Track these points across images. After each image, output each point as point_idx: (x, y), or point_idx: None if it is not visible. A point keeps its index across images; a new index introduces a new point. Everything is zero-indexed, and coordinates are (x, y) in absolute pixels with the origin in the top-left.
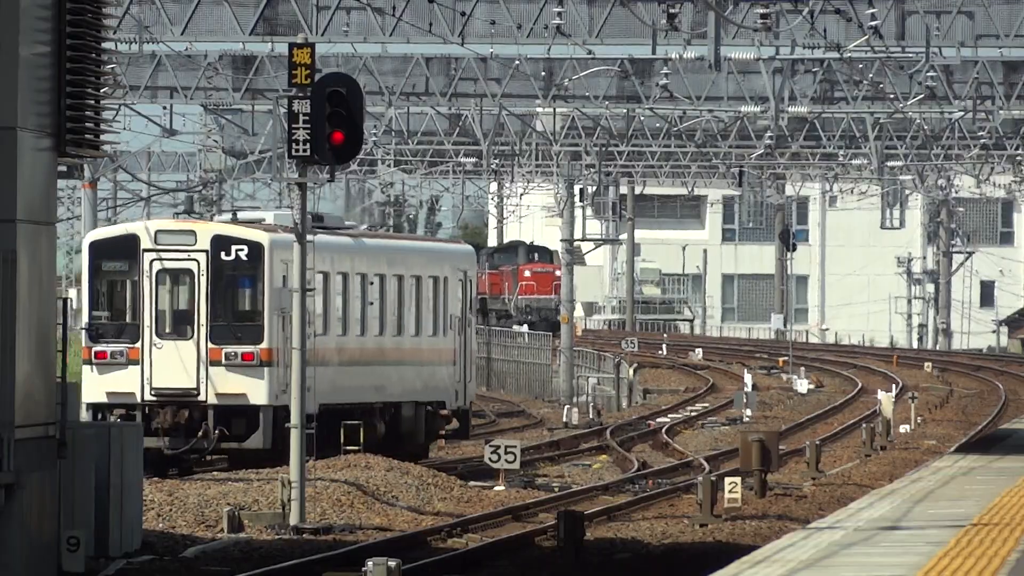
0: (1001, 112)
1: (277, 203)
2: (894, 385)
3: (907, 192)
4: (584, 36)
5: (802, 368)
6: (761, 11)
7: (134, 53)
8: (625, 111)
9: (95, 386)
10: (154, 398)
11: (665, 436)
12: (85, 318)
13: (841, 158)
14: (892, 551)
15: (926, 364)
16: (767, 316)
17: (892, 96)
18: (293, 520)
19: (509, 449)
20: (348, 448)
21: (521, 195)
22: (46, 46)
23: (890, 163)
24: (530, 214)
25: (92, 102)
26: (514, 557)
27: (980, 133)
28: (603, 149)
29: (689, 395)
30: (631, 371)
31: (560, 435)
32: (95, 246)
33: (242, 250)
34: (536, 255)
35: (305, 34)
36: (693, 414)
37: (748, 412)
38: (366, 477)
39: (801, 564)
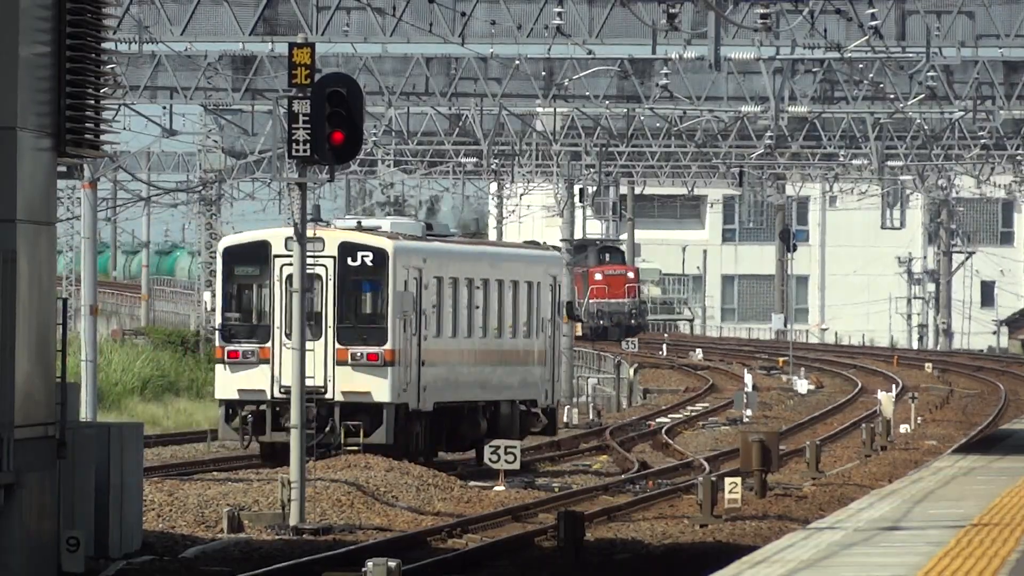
0: (1001, 112)
1: (277, 203)
2: (894, 385)
3: (907, 192)
4: (584, 36)
5: (802, 368)
6: (761, 11)
7: (134, 53)
8: (625, 111)
9: (227, 383)
10: (283, 395)
11: (665, 436)
12: (218, 319)
13: (841, 158)
14: (892, 551)
15: (926, 364)
16: (767, 316)
17: (892, 96)
18: (293, 520)
19: (509, 449)
20: (349, 448)
21: (521, 195)
22: (46, 46)
23: (890, 163)
24: (530, 214)
25: (92, 102)
26: (514, 557)
27: (980, 133)
28: (603, 149)
29: (689, 395)
30: (631, 371)
31: (560, 435)
32: (228, 252)
33: (367, 256)
34: (608, 256)
35: (305, 34)
36: (693, 414)
37: (748, 412)
38: (366, 477)
39: (801, 564)
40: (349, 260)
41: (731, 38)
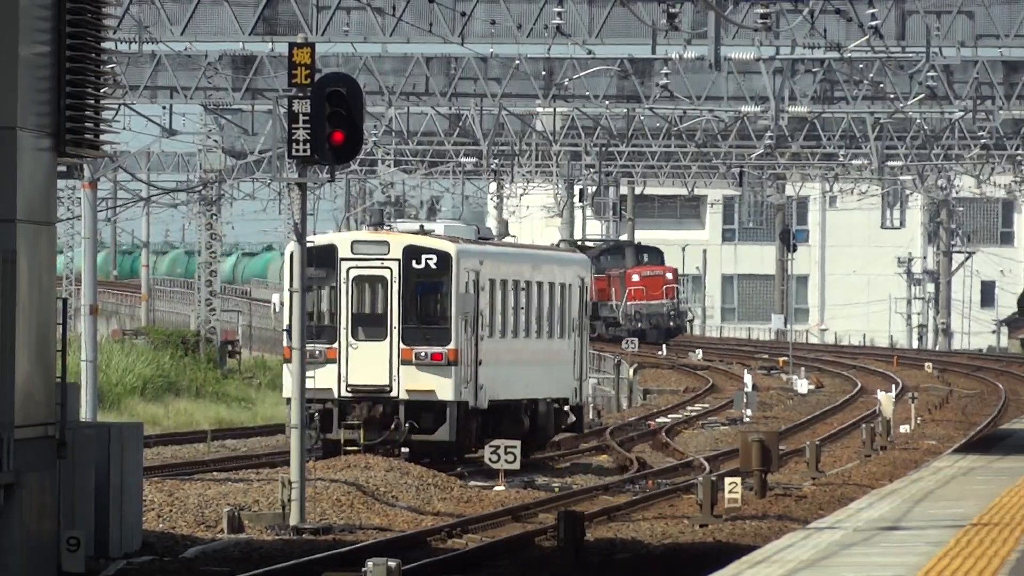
0: (1001, 112)
1: (277, 203)
2: (894, 385)
3: (907, 192)
4: (584, 36)
5: (802, 368)
6: (761, 11)
7: (134, 53)
8: (625, 111)
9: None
10: (350, 394)
11: (665, 436)
12: (285, 320)
13: (841, 158)
14: (892, 551)
15: (926, 364)
16: (767, 316)
17: (892, 96)
18: (293, 520)
19: (509, 449)
20: (348, 448)
21: (521, 195)
22: (46, 46)
23: (890, 163)
24: (530, 214)
25: (92, 102)
26: (514, 557)
27: (980, 133)
28: (603, 149)
29: (689, 395)
30: (631, 371)
31: (560, 435)
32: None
33: (431, 259)
34: (646, 256)
35: (305, 34)
36: (693, 414)
37: (748, 412)
38: (366, 477)
39: (801, 564)
40: (414, 263)
41: (731, 38)
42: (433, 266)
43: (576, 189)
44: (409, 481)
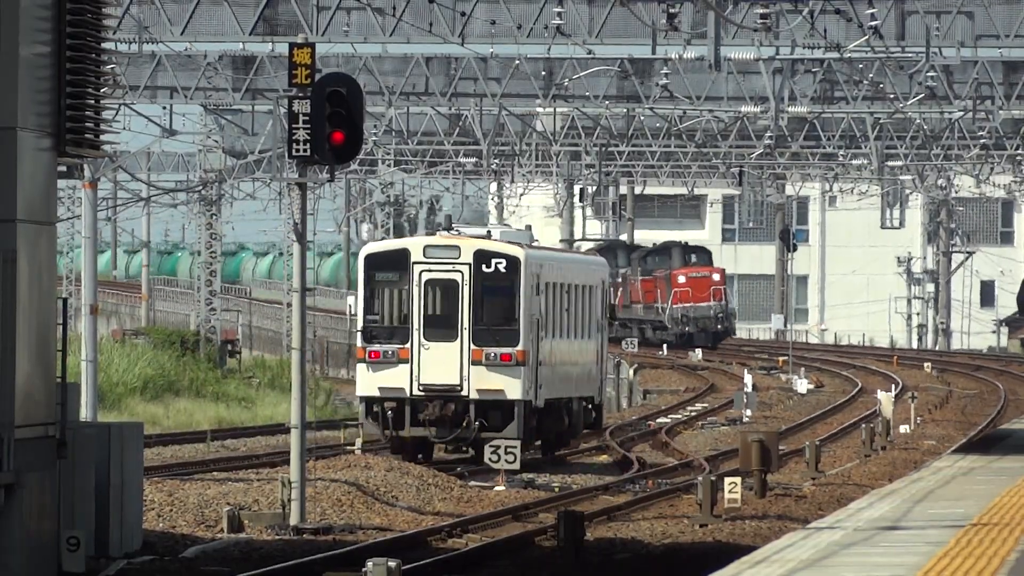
0: (1001, 112)
1: (277, 203)
2: (894, 385)
3: (907, 192)
4: (584, 36)
5: (802, 368)
6: (761, 11)
7: (134, 53)
8: (625, 111)
9: (368, 382)
10: (422, 393)
11: (665, 436)
12: (360, 322)
13: (841, 158)
14: (892, 551)
15: (926, 364)
16: (767, 316)
17: (892, 96)
18: (293, 520)
19: (509, 449)
20: (348, 447)
21: (521, 195)
22: (46, 46)
23: (890, 163)
24: (530, 214)
25: (92, 102)
26: (514, 557)
27: (980, 133)
28: (603, 149)
29: (689, 395)
30: (631, 371)
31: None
32: (370, 259)
33: (501, 263)
34: (693, 256)
35: (305, 34)
36: (693, 414)
37: (748, 412)
38: (366, 477)
39: (801, 564)
40: (483, 267)
41: (731, 38)
42: (502, 270)
43: (576, 189)
44: (409, 481)
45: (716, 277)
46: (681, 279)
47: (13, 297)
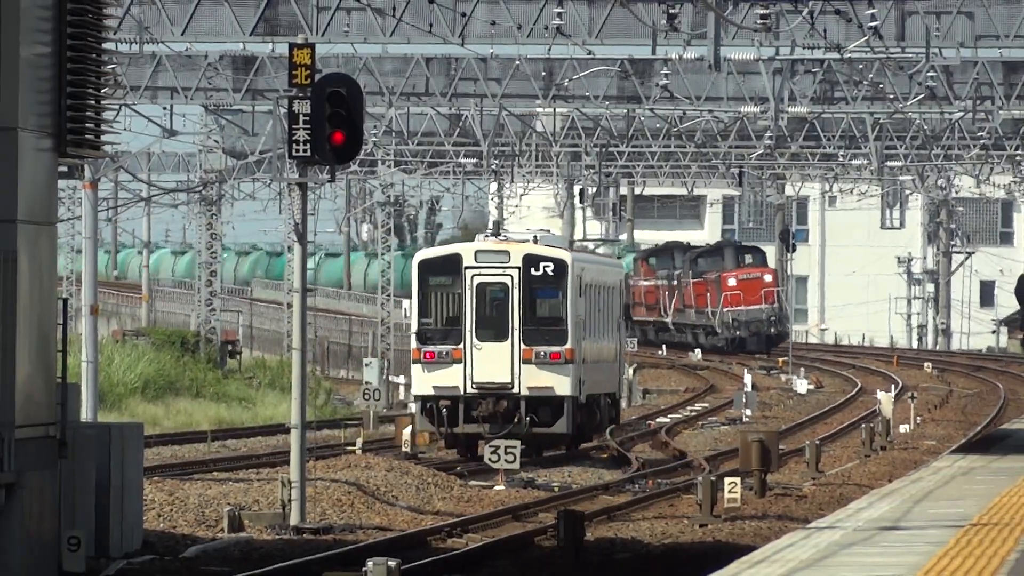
0: (1001, 112)
1: (277, 203)
2: (894, 385)
3: (907, 192)
4: (584, 36)
5: (802, 368)
6: (761, 11)
7: (134, 53)
8: (625, 111)
9: (424, 381)
10: (475, 391)
11: (665, 436)
12: (415, 324)
13: (841, 158)
14: (892, 551)
15: (926, 364)
16: None
17: (892, 96)
18: (293, 520)
19: (509, 449)
20: (348, 447)
21: (521, 196)
22: (47, 46)
23: (890, 163)
24: (530, 215)
25: (92, 102)
26: (514, 557)
27: (980, 133)
28: (603, 149)
29: (689, 395)
30: (631, 371)
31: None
32: (423, 264)
33: (549, 266)
34: (749, 257)
35: (305, 34)
36: (693, 414)
37: (748, 412)
38: (366, 477)
39: (801, 564)
40: (532, 270)
41: (731, 38)
42: (550, 273)
43: (576, 189)
44: (409, 481)
45: (768, 278)
46: (731, 281)
47: (13, 297)
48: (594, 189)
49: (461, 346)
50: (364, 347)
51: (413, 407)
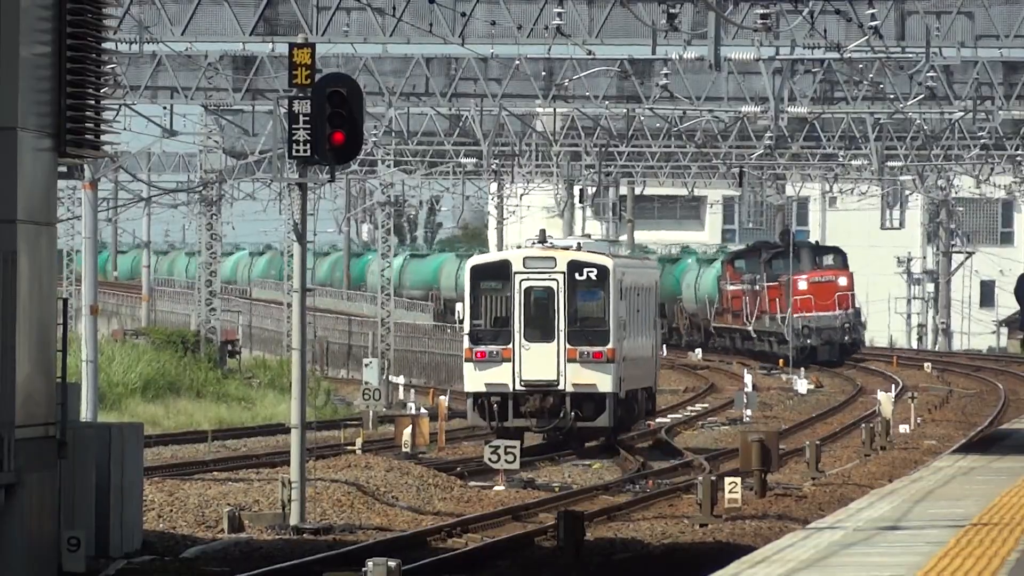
0: (1001, 112)
1: (277, 203)
2: (894, 385)
3: (907, 192)
4: (584, 36)
5: (802, 368)
6: (761, 11)
7: (134, 53)
8: (625, 111)
9: (475, 379)
10: (523, 388)
11: (665, 436)
12: (467, 326)
13: (841, 158)
14: (892, 551)
15: (926, 364)
16: None
17: (892, 96)
18: (293, 520)
19: (509, 449)
20: (348, 447)
21: (521, 195)
22: (46, 46)
23: (890, 163)
24: (530, 215)
25: (92, 102)
26: (514, 557)
27: (980, 133)
28: (603, 149)
29: (689, 395)
30: None
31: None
32: (475, 269)
33: (592, 272)
34: (830, 258)
35: (305, 34)
36: (693, 414)
37: (748, 412)
38: (366, 477)
39: (801, 564)
40: (576, 275)
41: (731, 38)
42: (593, 277)
43: (576, 189)
44: (409, 481)
45: (843, 282)
46: (802, 285)
47: (13, 297)
48: (594, 189)
49: (510, 346)
50: (364, 347)
51: (466, 403)
